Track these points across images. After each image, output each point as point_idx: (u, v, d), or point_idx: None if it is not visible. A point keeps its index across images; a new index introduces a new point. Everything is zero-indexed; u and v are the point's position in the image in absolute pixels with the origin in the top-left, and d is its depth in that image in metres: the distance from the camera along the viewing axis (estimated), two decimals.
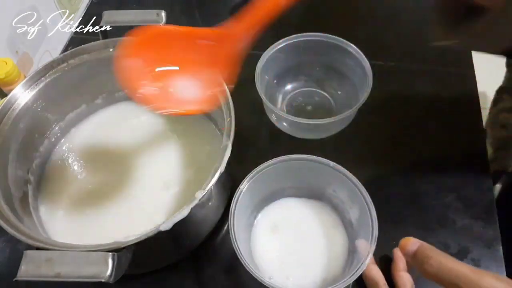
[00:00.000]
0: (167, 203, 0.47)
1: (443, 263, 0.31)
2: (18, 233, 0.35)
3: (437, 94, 0.60)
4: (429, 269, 0.32)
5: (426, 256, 0.32)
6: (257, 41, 0.61)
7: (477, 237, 0.48)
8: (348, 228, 0.46)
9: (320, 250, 0.45)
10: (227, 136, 0.40)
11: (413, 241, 0.34)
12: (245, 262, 0.37)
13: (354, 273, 0.37)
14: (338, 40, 0.54)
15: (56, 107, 0.49)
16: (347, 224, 0.46)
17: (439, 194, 0.51)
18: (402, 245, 0.35)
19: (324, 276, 0.43)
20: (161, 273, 0.46)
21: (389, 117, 0.58)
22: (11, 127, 0.43)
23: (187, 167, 0.50)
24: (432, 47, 0.36)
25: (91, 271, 0.32)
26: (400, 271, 0.43)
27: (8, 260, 0.48)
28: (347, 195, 0.44)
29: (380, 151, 0.55)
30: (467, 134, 0.56)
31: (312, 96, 0.60)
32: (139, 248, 0.35)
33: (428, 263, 0.32)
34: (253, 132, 0.58)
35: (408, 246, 0.34)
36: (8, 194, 0.41)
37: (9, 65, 0.51)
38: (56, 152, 0.52)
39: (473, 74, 0.61)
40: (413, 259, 0.34)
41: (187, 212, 0.35)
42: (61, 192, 0.49)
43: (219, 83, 0.36)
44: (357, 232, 0.44)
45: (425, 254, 0.33)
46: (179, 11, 0.73)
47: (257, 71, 0.52)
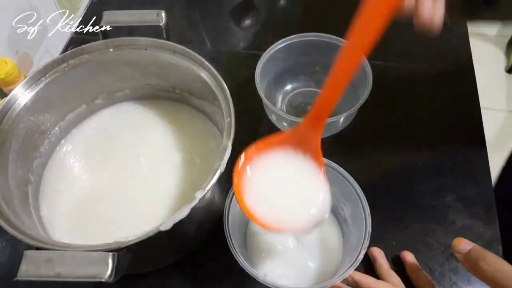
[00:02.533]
0: (167, 203, 0.47)
1: (499, 263, 0.32)
2: (18, 233, 0.35)
3: (437, 94, 0.60)
4: (484, 267, 0.33)
5: (481, 255, 0.33)
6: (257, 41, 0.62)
7: (477, 237, 0.48)
8: (342, 225, 0.46)
9: (315, 247, 0.45)
10: (227, 136, 0.40)
11: (467, 241, 0.36)
12: (240, 259, 0.37)
13: (348, 268, 0.37)
14: (338, 40, 0.54)
15: (56, 107, 0.49)
16: (341, 221, 0.46)
17: (439, 194, 0.51)
18: (455, 244, 0.36)
19: (319, 272, 0.43)
20: (161, 273, 0.46)
21: (389, 117, 0.58)
22: (11, 127, 0.43)
23: (187, 167, 0.50)
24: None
25: (91, 271, 0.32)
26: (389, 269, 0.43)
27: (8, 260, 0.48)
28: (340, 192, 0.44)
29: (380, 151, 0.55)
30: (467, 134, 0.56)
31: (312, 96, 0.60)
32: (139, 248, 0.35)
33: (485, 260, 0.33)
34: (253, 132, 0.58)
35: (461, 245, 0.35)
36: (8, 194, 0.41)
37: (9, 65, 0.51)
38: (57, 152, 0.52)
39: (473, 74, 0.61)
40: (466, 257, 0.35)
41: (187, 212, 0.35)
42: (61, 192, 0.49)
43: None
44: (351, 228, 0.44)
45: (480, 253, 0.34)
46: (179, 11, 0.73)
47: (257, 71, 0.52)
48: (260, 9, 0.74)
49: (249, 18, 0.73)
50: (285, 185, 0.37)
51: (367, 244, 0.38)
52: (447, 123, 0.57)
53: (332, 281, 0.37)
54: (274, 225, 0.35)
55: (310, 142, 0.36)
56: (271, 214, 0.35)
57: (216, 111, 0.48)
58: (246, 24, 0.72)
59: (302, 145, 0.37)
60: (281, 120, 0.54)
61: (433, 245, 0.47)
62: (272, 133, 0.56)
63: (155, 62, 0.48)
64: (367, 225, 0.39)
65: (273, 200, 0.36)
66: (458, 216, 0.49)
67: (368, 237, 0.38)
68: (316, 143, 0.36)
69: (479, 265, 0.33)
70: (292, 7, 0.74)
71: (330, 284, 0.37)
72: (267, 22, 0.72)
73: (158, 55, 0.48)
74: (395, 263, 0.46)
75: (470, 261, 0.34)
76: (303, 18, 0.72)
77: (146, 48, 0.48)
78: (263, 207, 0.36)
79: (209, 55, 0.66)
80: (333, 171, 0.43)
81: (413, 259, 0.45)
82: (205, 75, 0.46)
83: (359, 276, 0.41)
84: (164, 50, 0.47)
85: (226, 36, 0.70)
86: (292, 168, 0.37)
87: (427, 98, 0.60)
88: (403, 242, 0.47)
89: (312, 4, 0.74)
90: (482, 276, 0.33)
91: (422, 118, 0.58)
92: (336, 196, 0.45)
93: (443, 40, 0.66)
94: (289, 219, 0.35)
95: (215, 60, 0.65)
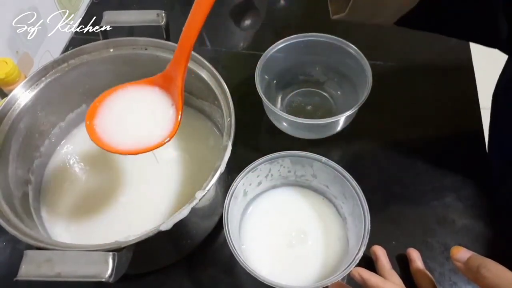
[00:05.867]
0: (167, 203, 0.47)
1: (501, 270, 0.32)
2: (19, 233, 0.35)
3: (437, 94, 0.60)
4: (486, 274, 0.33)
5: (482, 263, 0.33)
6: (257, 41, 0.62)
7: (477, 237, 0.48)
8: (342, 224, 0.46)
9: (316, 245, 0.45)
10: (227, 136, 0.40)
11: (465, 249, 0.36)
12: (240, 258, 0.37)
13: (348, 267, 0.37)
14: (338, 40, 0.54)
15: (56, 107, 0.49)
16: (341, 219, 0.46)
17: (439, 194, 0.51)
18: (453, 253, 0.36)
19: (319, 270, 0.43)
20: (161, 273, 0.46)
21: (389, 117, 0.58)
22: (12, 127, 0.43)
23: (187, 167, 0.50)
24: (335, 20, 0.40)
25: (91, 271, 0.32)
26: (391, 269, 0.43)
27: (8, 260, 0.48)
28: (339, 190, 0.44)
29: (380, 151, 0.55)
30: (467, 134, 0.56)
31: (312, 96, 0.60)
32: (139, 248, 0.35)
33: (486, 267, 0.33)
34: (253, 132, 0.58)
35: (460, 254, 0.36)
36: (8, 194, 0.41)
37: (10, 65, 0.51)
38: (57, 153, 0.52)
39: (473, 74, 0.61)
40: (467, 265, 0.35)
41: (187, 212, 0.35)
42: (61, 192, 0.49)
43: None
44: (350, 227, 0.44)
45: (480, 261, 0.34)
46: (179, 11, 0.73)
47: (257, 71, 0.52)
48: (260, 9, 0.74)
49: (249, 18, 0.73)
50: (134, 113, 0.42)
51: (366, 242, 0.38)
52: (447, 123, 0.57)
53: (331, 279, 0.37)
54: (128, 149, 0.40)
55: (175, 81, 0.41)
56: (123, 140, 0.40)
57: (216, 111, 0.48)
58: (246, 24, 0.72)
59: (168, 85, 0.42)
60: (281, 120, 0.54)
61: (433, 245, 0.47)
62: (272, 133, 0.57)
63: (155, 62, 0.48)
64: (366, 223, 0.39)
65: (125, 127, 0.41)
66: (458, 216, 0.49)
67: (367, 235, 0.39)
68: (179, 81, 0.40)
69: (480, 273, 0.33)
70: (292, 7, 0.74)
71: (330, 282, 0.37)
72: (267, 22, 0.72)
73: (158, 55, 0.48)
74: (395, 263, 0.46)
75: (470, 269, 0.34)
76: (303, 18, 0.72)
77: (146, 48, 0.48)
78: (117, 136, 0.41)
79: (209, 55, 0.66)
80: (332, 170, 0.43)
81: (419, 258, 0.45)
82: (205, 75, 0.46)
83: (367, 275, 0.40)
84: (164, 50, 0.48)
85: (226, 36, 0.70)
86: (143, 100, 0.43)
87: (427, 98, 0.60)
88: (403, 242, 0.47)
89: (312, 4, 0.74)
90: (484, 284, 0.33)
91: (422, 118, 0.58)
92: (336, 194, 0.46)
93: (443, 40, 0.66)
94: (139, 141, 0.40)
95: (215, 60, 0.66)
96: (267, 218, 0.47)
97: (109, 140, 0.40)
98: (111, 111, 0.42)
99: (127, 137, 0.41)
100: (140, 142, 0.40)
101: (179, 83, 0.40)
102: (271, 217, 0.47)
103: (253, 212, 0.47)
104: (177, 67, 0.40)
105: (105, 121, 0.41)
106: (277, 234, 0.46)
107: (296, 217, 0.47)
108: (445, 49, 0.65)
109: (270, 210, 0.47)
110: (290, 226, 0.46)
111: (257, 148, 0.56)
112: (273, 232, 0.46)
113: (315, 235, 0.45)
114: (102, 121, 0.41)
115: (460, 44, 0.65)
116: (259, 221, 0.47)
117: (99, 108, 0.42)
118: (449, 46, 0.65)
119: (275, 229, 0.46)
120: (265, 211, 0.47)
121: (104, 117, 0.41)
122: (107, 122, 0.41)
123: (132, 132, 0.41)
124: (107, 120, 0.41)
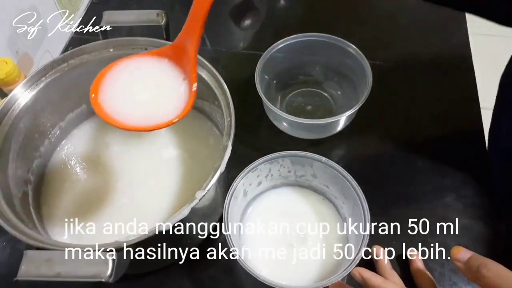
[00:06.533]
0: (167, 203, 0.47)
1: (501, 270, 0.32)
2: (19, 233, 0.35)
3: (437, 94, 0.60)
4: (486, 274, 0.33)
5: (482, 263, 0.33)
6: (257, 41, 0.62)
7: (477, 237, 0.48)
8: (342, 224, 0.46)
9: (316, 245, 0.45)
10: (227, 136, 0.40)
11: (466, 249, 0.36)
12: (240, 258, 0.37)
13: (348, 267, 0.37)
14: (338, 40, 0.54)
15: (56, 107, 0.49)
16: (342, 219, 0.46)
17: (439, 194, 0.51)
18: (453, 253, 0.36)
19: (319, 270, 0.43)
20: (161, 273, 0.46)
21: (389, 117, 0.58)
22: (11, 127, 0.43)
23: (187, 167, 0.50)
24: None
25: (91, 271, 0.32)
26: (391, 269, 0.43)
27: (8, 260, 0.48)
28: (339, 190, 0.44)
29: (380, 151, 0.55)
30: (467, 134, 0.56)
31: (312, 96, 0.60)
32: (139, 248, 0.35)
33: (487, 267, 0.33)
34: (253, 132, 0.58)
35: (460, 254, 0.36)
36: (8, 194, 0.41)
37: (10, 65, 0.51)
38: (57, 153, 0.52)
39: (473, 74, 0.61)
40: (467, 265, 0.35)
41: (187, 212, 0.35)
42: (61, 192, 0.49)
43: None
44: (350, 227, 0.44)
45: (480, 261, 0.34)
46: (179, 11, 0.73)
47: (257, 71, 0.52)
48: (260, 9, 0.74)
49: (249, 18, 0.73)
50: (142, 86, 0.39)
51: (366, 242, 0.38)
52: (447, 123, 0.57)
53: (331, 280, 0.37)
54: (134, 125, 0.37)
55: (187, 53, 0.37)
56: (130, 116, 0.37)
57: (216, 111, 0.48)
58: (246, 24, 0.72)
59: (179, 58, 0.39)
60: (281, 120, 0.54)
61: (433, 245, 0.47)
62: (272, 133, 0.57)
63: None
64: (366, 223, 0.39)
65: (131, 102, 0.38)
66: (458, 216, 0.49)
67: (368, 236, 0.38)
68: (192, 53, 0.37)
69: (481, 272, 0.33)
70: (292, 7, 0.74)
71: (330, 282, 0.37)
72: (267, 22, 0.72)
73: None
74: (395, 263, 0.46)
75: (471, 269, 0.34)
76: (303, 18, 0.72)
77: (146, 48, 0.48)
78: (122, 111, 0.38)
79: (209, 55, 0.66)
80: (332, 170, 0.43)
81: (419, 259, 0.45)
82: (205, 75, 0.46)
83: (368, 274, 0.40)
84: None
85: (226, 36, 0.70)
86: (151, 72, 0.39)
87: (427, 98, 0.60)
88: (403, 242, 0.47)
89: (312, 4, 0.74)
90: (484, 284, 0.33)
91: (422, 118, 0.58)
92: (336, 194, 0.46)
93: (443, 40, 0.66)
94: (146, 118, 0.37)
95: (215, 60, 0.65)
96: (267, 218, 0.47)
97: (115, 115, 0.37)
98: (116, 85, 0.39)
99: (134, 112, 0.38)
100: (147, 119, 0.37)
101: (192, 55, 0.36)
102: (271, 217, 0.47)
103: (253, 212, 0.47)
104: (190, 36, 0.36)
105: (110, 95, 0.38)
106: (277, 234, 0.46)
107: (296, 217, 0.47)
108: (445, 49, 0.65)
109: (270, 210, 0.47)
110: (290, 226, 0.46)
111: (257, 148, 0.56)
112: (273, 232, 0.46)
113: (315, 235, 0.45)
114: (107, 95, 0.38)
115: (460, 44, 0.65)
116: (259, 221, 0.47)
117: (104, 79, 0.39)
118: (449, 46, 0.65)
119: (275, 229, 0.46)
120: (265, 211, 0.47)
121: (109, 91, 0.39)
122: (111, 96, 0.38)
123: (139, 108, 0.38)
124: (111, 94, 0.38)
